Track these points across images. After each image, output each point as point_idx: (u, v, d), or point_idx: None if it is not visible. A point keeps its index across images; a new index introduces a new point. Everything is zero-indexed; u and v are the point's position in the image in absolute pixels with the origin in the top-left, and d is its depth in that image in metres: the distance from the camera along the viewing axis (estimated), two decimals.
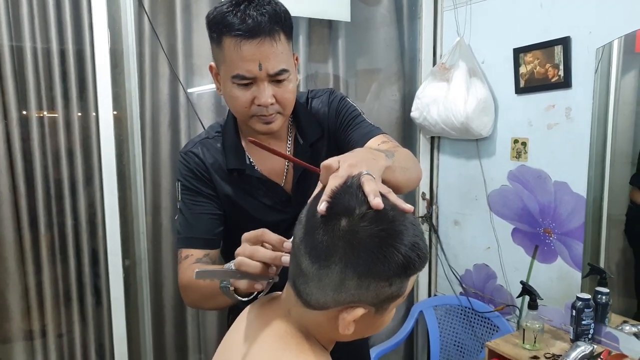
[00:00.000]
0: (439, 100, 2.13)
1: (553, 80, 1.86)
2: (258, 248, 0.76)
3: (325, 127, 1.20)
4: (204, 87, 1.93)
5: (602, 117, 1.77)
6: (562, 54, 1.81)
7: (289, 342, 0.71)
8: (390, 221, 0.63)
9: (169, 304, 1.96)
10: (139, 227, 1.87)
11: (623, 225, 1.88)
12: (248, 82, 0.99)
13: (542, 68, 1.89)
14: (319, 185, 0.74)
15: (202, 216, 1.13)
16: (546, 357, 1.70)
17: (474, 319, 2.27)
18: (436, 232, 2.45)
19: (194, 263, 1.08)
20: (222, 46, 0.98)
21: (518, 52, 1.97)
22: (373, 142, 1.13)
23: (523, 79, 1.97)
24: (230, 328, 0.87)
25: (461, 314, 2.33)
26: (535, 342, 1.75)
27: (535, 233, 2.00)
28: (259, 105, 1.01)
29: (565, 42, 1.80)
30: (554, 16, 1.84)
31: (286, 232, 1.16)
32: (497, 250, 2.16)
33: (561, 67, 1.82)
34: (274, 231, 1.19)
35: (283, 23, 0.99)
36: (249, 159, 1.16)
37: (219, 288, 0.88)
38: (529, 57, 1.93)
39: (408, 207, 0.67)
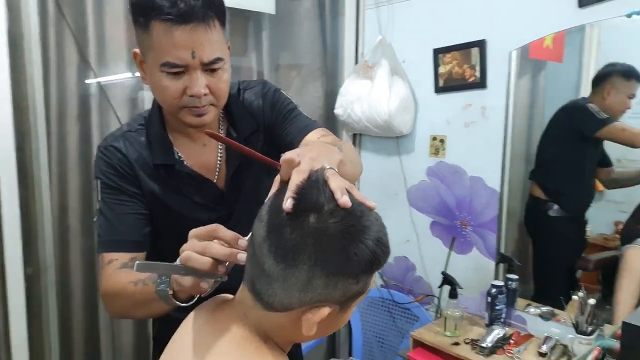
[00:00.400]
0: (363, 97, 2.16)
1: (470, 80, 1.96)
2: (211, 243, 0.71)
3: (260, 121, 1.15)
4: (118, 76, 1.77)
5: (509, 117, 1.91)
6: (478, 55, 1.91)
7: (246, 347, 0.67)
8: (359, 217, 0.62)
9: (79, 314, 1.78)
10: (43, 231, 1.67)
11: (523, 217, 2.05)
12: (179, 70, 0.92)
13: (460, 69, 1.98)
14: (277, 181, 0.70)
15: (126, 216, 1.03)
16: (466, 343, 1.79)
17: (395, 310, 2.35)
18: None
19: (120, 268, 0.99)
20: (150, 31, 0.90)
21: (437, 53, 2.05)
22: (312, 136, 1.11)
23: (442, 79, 2.06)
24: (174, 337, 0.80)
25: (382, 305, 2.40)
26: (455, 328, 1.84)
27: (453, 226, 2.10)
28: (191, 96, 0.94)
29: (481, 44, 1.90)
30: (472, 19, 1.94)
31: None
32: (417, 243, 2.24)
33: (477, 68, 1.93)
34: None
35: (217, 8, 0.94)
36: (178, 153, 1.08)
37: (154, 293, 0.81)
38: (448, 57, 2.02)
39: (372, 203, 0.66)
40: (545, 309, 1.99)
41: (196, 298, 0.81)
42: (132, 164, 1.04)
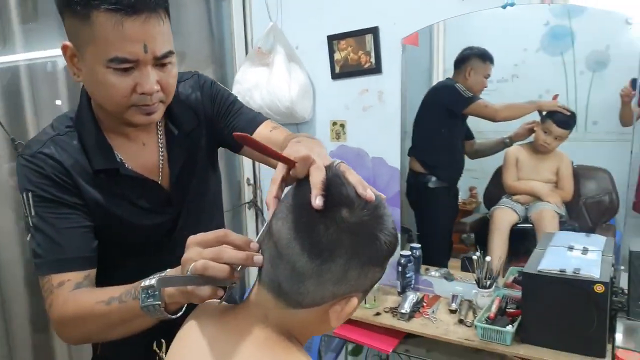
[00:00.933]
0: (261, 85, 2.13)
1: (366, 66, 2.06)
2: (224, 249, 0.67)
3: (200, 115, 1.10)
4: None
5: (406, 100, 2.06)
6: (372, 42, 2.02)
7: (273, 347, 0.66)
8: (381, 207, 0.65)
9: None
10: None
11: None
12: (129, 66, 0.84)
13: (355, 55, 2.07)
14: (276, 180, 0.69)
15: (70, 231, 0.92)
16: (385, 311, 1.92)
17: None
18: (263, 216, 2.47)
19: (75, 289, 0.87)
20: (91, 22, 0.80)
21: (332, 40, 2.11)
22: (264, 129, 1.10)
23: (338, 65, 2.13)
24: (177, 351, 0.75)
25: None
26: (374, 300, 1.96)
27: None
28: (141, 94, 0.87)
29: (374, 31, 2.01)
30: (365, 6, 2.02)
31: (167, 236, 1.04)
32: None
33: (372, 54, 2.03)
34: (153, 236, 1.05)
35: None
36: (118, 156, 0.98)
37: (138, 309, 0.74)
38: (342, 44, 2.09)
39: (381, 194, 0.69)
40: (443, 270, 2.22)
41: (184, 308, 0.76)
42: (69, 172, 0.93)
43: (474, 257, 1.92)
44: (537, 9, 1.92)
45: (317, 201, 0.60)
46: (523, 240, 2.51)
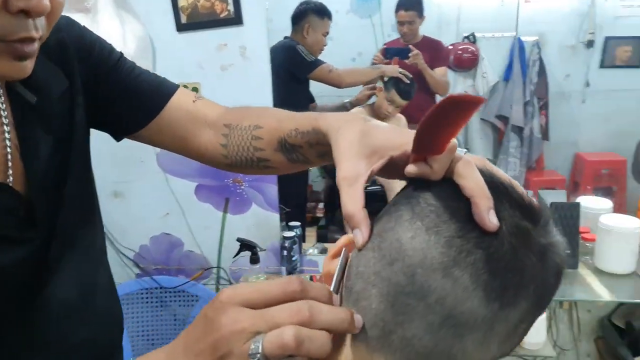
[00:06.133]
0: None
1: (222, 15, 1.68)
2: (316, 305, 0.38)
3: (72, 73, 0.68)
4: None
5: None
6: None
7: None
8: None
9: None
10: None
11: None
12: None
13: (208, 2, 1.67)
14: (361, 175, 0.46)
15: None
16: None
17: (166, 297, 1.98)
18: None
19: None
20: None
21: None
22: (186, 98, 0.77)
23: (185, 14, 1.69)
24: None
25: (147, 298, 1.98)
26: None
27: (224, 185, 1.86)
28: (20, 12, 0.47)
29: None
30: None
31: (31, 281, 0.62)
32: (180, 214, 1.90)
33: (230, 1, 1.66)
34: (7, 279, 0.62)
35: None
36: None
37: None
38: None
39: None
40: (319, 246, 2.05)
41: None
42: None
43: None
44: None
45: (493, 219, 0.38)
46: (374, 203, 2.50)
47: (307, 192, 2.74)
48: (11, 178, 0.59)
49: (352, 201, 0.44)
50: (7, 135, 0.59)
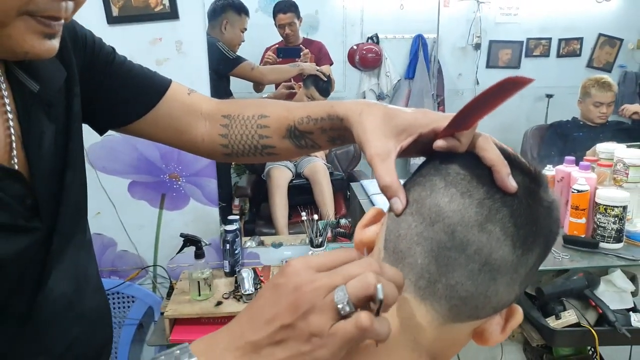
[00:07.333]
0: None
1: (157, 9, 1.66)
2: (378, 263, 0.42)
3: (70, 64, 0.69)
4: None
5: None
6: None
7: None
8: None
9: None
10: None
11: None
12: None
13: None
14: (391, 151, 0.53)
15: None
16: (225, 298, 1.69)
17: None
18: None
19: None
20: None
21: None
22: (181, 91, 0.80)
23: (116, 7, 1.65)
24: None
25: None
26: (210, 289, 1.69)
27: (160, 181, 1.83)
28: None
29: None
30: None
31: (31, 268, 0.63)
32: (113, 212, 1.84)
33: None
34: (9, 271, 0.63)
35: None
36: None
37: None
38: None
39: None
40: (256, 239, 2.09)
41: None
42: None
43: (304, 219, 1.86)
44: None
45: (512, 182, 0.46)
46: (299, 195, 2.60)
47: (232, 187, 2.75)
48: (16, 167, 0.59)
49: (388, 174, 0.51)
50: (10, 123, 0.60)
